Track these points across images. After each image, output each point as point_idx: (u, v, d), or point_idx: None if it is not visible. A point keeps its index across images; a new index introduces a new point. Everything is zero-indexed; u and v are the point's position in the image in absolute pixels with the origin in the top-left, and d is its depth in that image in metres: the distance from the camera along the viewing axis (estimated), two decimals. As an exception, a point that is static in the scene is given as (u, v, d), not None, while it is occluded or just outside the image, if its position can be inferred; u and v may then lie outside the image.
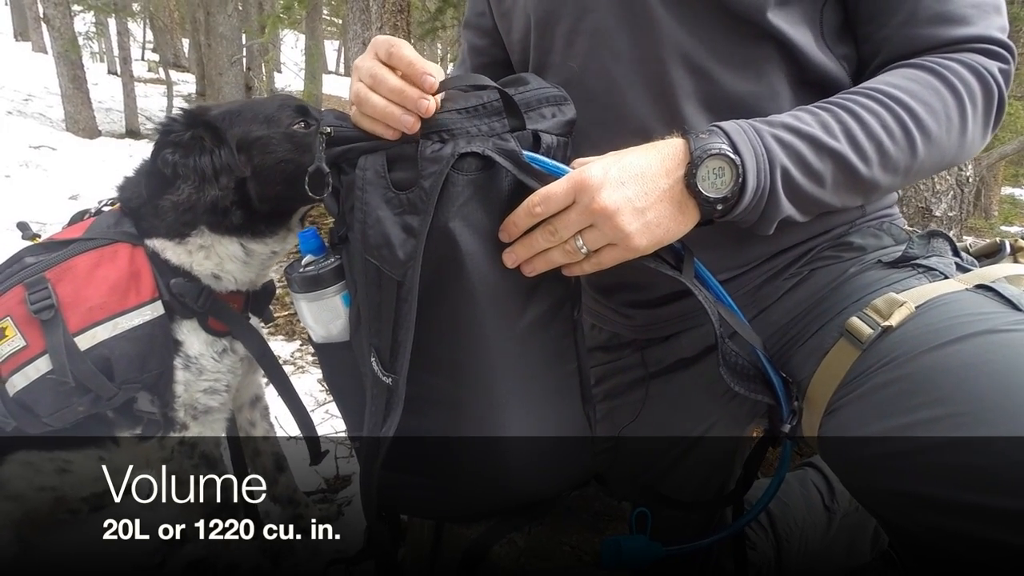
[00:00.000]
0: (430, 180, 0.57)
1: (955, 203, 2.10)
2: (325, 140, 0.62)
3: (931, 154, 0.65)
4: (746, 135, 0.60)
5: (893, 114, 0.63)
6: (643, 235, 0.58)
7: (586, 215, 0.58)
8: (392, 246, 0.58)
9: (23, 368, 0.92)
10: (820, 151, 0.61)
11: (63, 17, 7.28)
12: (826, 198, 0.64)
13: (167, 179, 0.95)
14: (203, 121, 0.96)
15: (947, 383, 0.56)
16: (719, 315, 0.63)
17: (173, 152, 0.94)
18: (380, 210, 0.59)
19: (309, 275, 0.65)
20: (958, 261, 0.70)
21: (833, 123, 0.62)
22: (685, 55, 0.70)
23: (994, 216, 8.53)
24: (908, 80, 0.65)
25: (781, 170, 0.60)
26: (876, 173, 0.63)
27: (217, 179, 0.94)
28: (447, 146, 0.59)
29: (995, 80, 0.66)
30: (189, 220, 0.96)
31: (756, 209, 0.61)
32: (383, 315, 0.60)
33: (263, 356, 1.07)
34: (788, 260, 0.77)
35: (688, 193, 0.59)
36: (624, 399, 0.94)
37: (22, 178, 5.21)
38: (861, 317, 0.65)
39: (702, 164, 0.58)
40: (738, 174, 0.58)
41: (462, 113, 0.60)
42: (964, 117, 0.65)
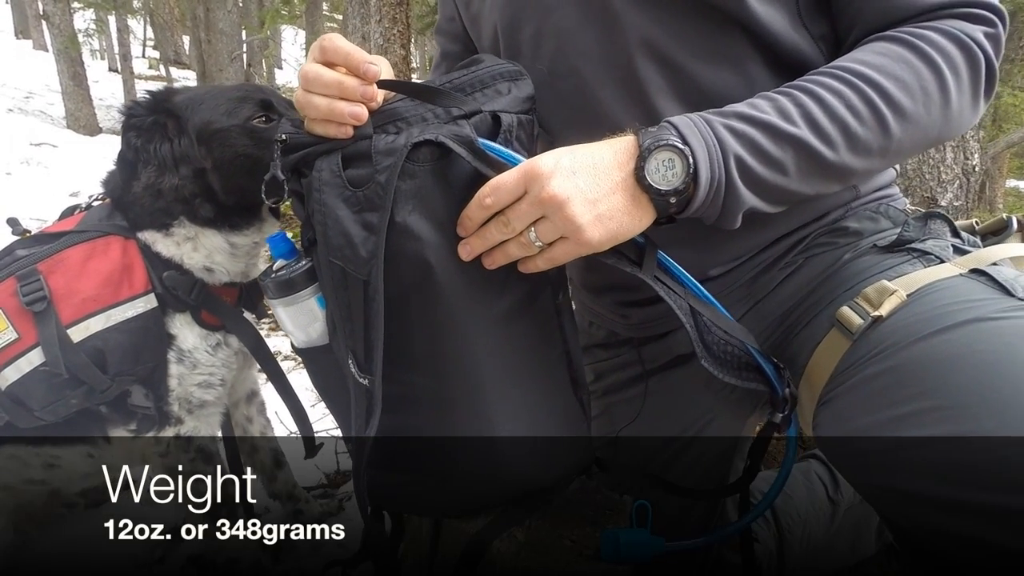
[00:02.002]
0: (385, 174, 0.56)
1: (961, 192, 2.08)
2: (280, 147, 0.61)
3: (910, 132, 0.61)
4: (696, 127, 0.58)
5: (859, 93, 0.59)
6: (595, 227, 0.56)
7: (536, 205, 0.56)
8: (354, 245, 0.57)
9: (15, 361, 0.92)
10: (777, 138, 0.59)
11: (63, 14, 7.28)
12: (793, 186, 0.61)
13: (133, 164, 0.94)
14: (166, 108, 0.95)
15: (933, 375, 0.55)
16: (688, 307, 0.61)
17: (136, 136, 0.93)
18: (339, 209, 0.58)
19: (282, 279, 0.64)
20: (956, 243, 0.69)
21: (792, 108, 0.59)
22: (651, 47, 0.67)
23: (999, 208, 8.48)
24: (877, 55, 0.61)
25: (735, 159, 0.58)
26: (845, 157, 0.60)
27: (177, 167, 0.93)
28: (400, 136, 0.57)
29: (979, 46, 0.61)
30: (164, 207, 0.95)
31: (715, 202, 0.59)
32: (354, 316, 0.59)
33: (258, 349, 1.06)
34: (782, 250, 0.75)
35: (640, 188, 0.57)
36: (623, 395, 0.93)
37: (23, 175, 5.23)
38: (852, 307, 0.64)
39: (651, 156, 0.56)
40: (689, 165, 0.56)
41: (414, 101, 0.59)
42: (945, 89, 0.61)
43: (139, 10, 12.33)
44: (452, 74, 0.62)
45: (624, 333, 0.91)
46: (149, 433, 1.03)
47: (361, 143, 0.58)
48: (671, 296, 0.61)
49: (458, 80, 0.61)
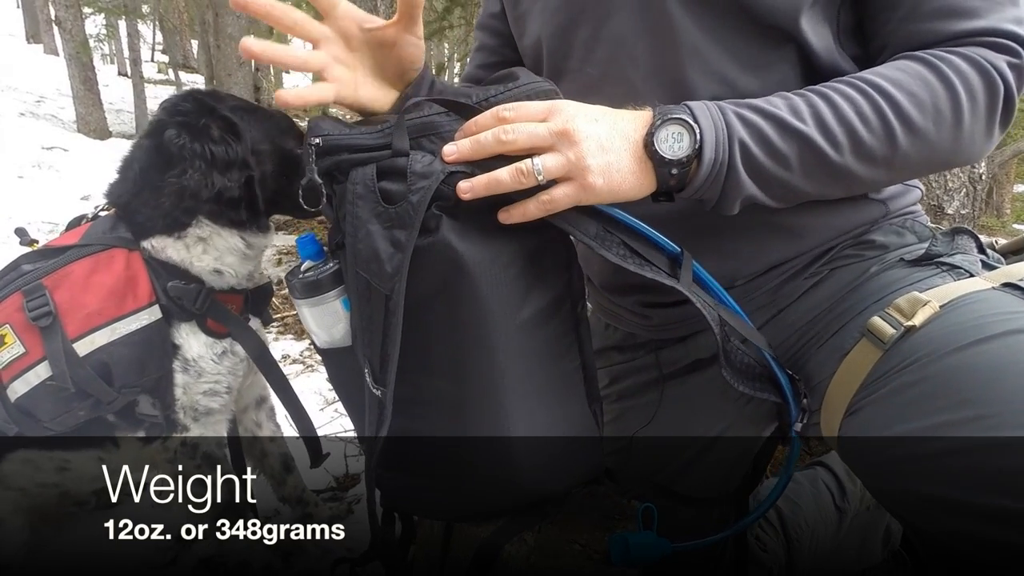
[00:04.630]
0: (418, 195, 0.57)
1: (968, 201, 2.08)
2: (315, 151, 0.61)
3: (917, 147, 0.62)
4: (708, 110, 0.60)
5: (870, 101, 0.60)
6: (601, 174, 0.57)
7: (553, 134, 0.57)
8: (380, 260, 0.58)
9: (23, 374, 0.93)
10: (785, 131, 0.60)
11: (74, 19, 7.35)
12: (795, 182, 0.62)
13: (169, 159, 0.94)
14: (219, 112, 0.97)
15: (974, 384, 0.54)
16: (719, 317, 0.62)
17: (178, 134, 0.93)
18: (370, 224, 0.59)
19: (309, 280, 0.65)
20: (983, 258, 0.69)
21: (803, 106, 0.61)
22: (704, 60, 0.69)
23: (1006, 215, 8.44)
24: (896, 70, 0.62)
25: (740, 144, 0.59)
26: (849, 161, 0.61)
27: (227, 171, 0.95)
28: (437, 160, 0.58)
29: (1001, 74, 0.61)
30: (190, 207, 0.96)
31: (715, 183, 0.60)
32: (373, 328, 0.60)
33: (261, 358, 1.06)
34: (807, 260, 0.76)
35: (646, 154, 0.59)
36: (638, 400, 0.93)
37: (35, 179, 5.27)
38: (883, 317, 0.64)
39: (663, 126, 0.59)
40: (696, 140, 0.58)
41: (451, 115, 0.61)
42: (958, 111, 0.61)
43: (149, 15, 12.43)
44: (489, 89, 0.63)
45: (644, 335, 0.91)
46: (156, 441, 1.04)
47: (398, 160, 0.59)
48: (705, 308, 0.61)
49: (495, 98, 0.62)
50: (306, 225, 3.72)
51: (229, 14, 6.65)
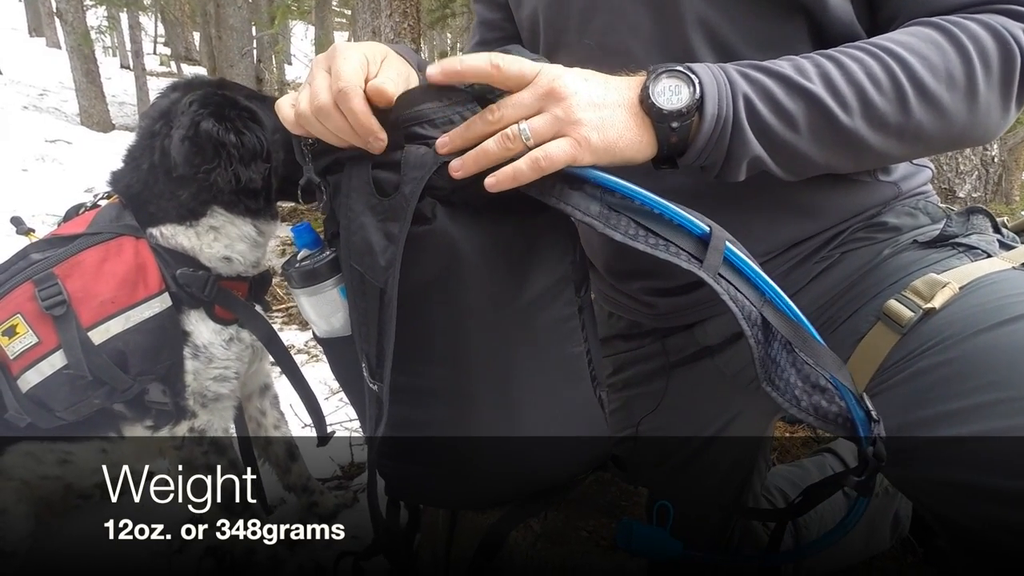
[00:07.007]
0: (410, 186, 0.56)
1: (980, 184, 2.05)
2: (310, 151, 0.61)
3: (930, 115, 0.57)
4: (709, 68, 0.57)
5: (881, 63, 0.57)
6: (595, 128, 0.53)
7: (538, 97, 0.54)
8: (374, 253, 0.57)
9: (37, 364, 0.93)
10: (790, 89, 0.56)
11: (76, 12, 7.34)
12: (803, 146, 0.58)
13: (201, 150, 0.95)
14: (240, 104, 0.98)
15: (1001, 366, 0.53)
16: (760, 317, 0.53)
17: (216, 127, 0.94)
18: (364, 216, 0.58)
19: (306, 269, 0.64)
20: (999, 238, 0.67)
21: (810, 67, 0.57)
22: (709, 30, 0.66)
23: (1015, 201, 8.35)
24: (907, 35, 0.59)
25: (744, 99, 0.56)
26: (859, 125, 0.57)
27: (253, 162, 0.97)
28: (430, 152, 0.57)
29: (1019, 44, 0.57)
30: (207, 199, 0.98)
31: (720, 143, 0.56)
32: (369, 322, 0.59)
33: (271, 342, 1.07)
34: (818, 244, 0.73)
35: (643, 109, 0.55)
36: (644, 389, 0.91)
37: (39, 172, 5.29)
38: (900, 300, 0.62)
39: (659, 79, 0.55)
40: (694, 91, 0.54)
41: (443, 101, 0.58)
42: (972, 77, 0.57)
43: (150, 7, 12.39)
44: None
45: (648, 324, 0.89)
46: (165, 427, 1.05)
47: (394, 152, 0.58)
48: (737, 302, 0.53)
49: None
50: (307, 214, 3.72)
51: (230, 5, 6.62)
